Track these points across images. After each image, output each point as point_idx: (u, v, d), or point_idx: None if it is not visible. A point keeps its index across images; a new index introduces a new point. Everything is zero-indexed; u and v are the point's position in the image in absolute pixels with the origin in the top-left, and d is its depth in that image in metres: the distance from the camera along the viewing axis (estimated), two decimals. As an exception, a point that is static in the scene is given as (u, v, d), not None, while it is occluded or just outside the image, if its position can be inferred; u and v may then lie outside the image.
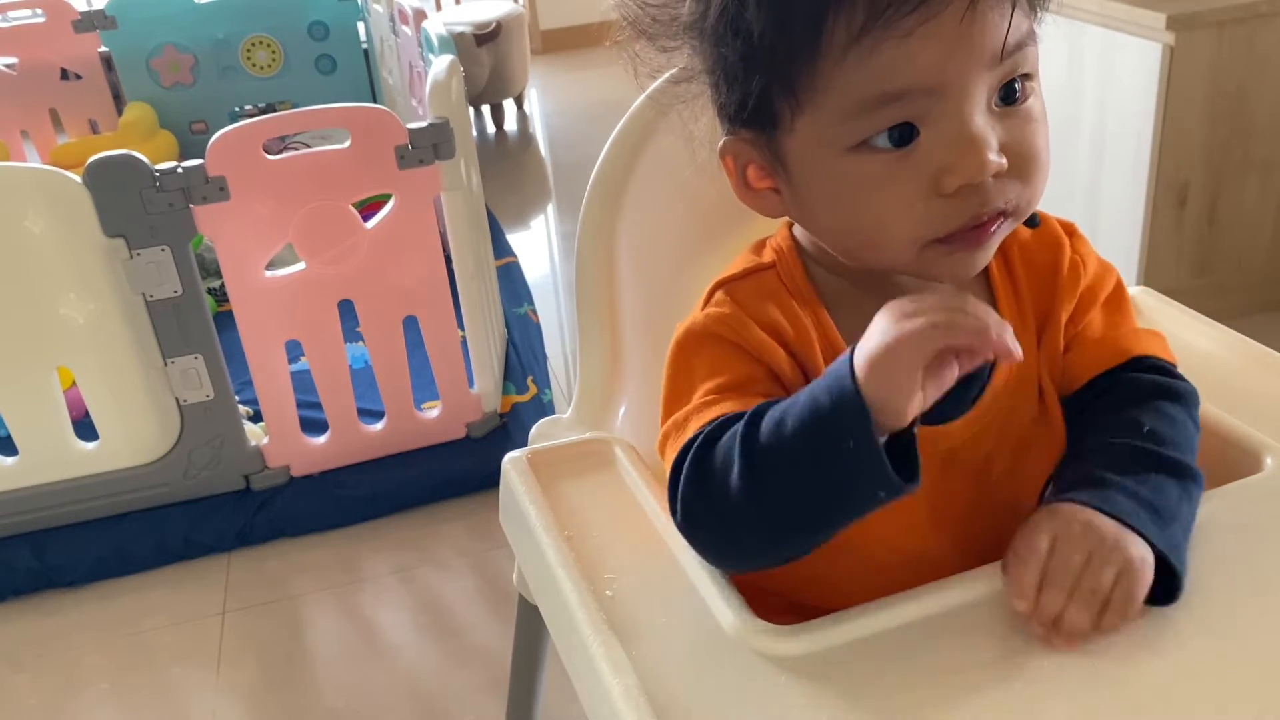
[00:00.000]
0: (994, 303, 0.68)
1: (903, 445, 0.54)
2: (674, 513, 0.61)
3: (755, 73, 0.59)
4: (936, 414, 0.65)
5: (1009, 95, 0.58)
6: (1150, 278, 1.98)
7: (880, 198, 0.58)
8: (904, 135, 0.57)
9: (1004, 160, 0.56)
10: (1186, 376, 0.68)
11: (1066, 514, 0.57)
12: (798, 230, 0.69)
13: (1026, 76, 0.59)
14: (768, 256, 0.69)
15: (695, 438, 0.60)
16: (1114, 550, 0.54)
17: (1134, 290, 0.90)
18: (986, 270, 0.68)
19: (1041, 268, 0.69)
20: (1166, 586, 0.56)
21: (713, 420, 0.60)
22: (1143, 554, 0.55)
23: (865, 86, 0.55)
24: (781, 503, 0.55)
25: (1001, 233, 0.60)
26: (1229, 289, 2.04)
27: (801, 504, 0.56)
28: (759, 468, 0.55)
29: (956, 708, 0.52)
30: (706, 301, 0.68)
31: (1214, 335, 0.83)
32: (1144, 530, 0.55)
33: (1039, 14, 0.59)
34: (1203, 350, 0.81)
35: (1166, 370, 0.67)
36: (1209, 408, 0.69)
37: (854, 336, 0.64)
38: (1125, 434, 0.62)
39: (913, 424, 0.54)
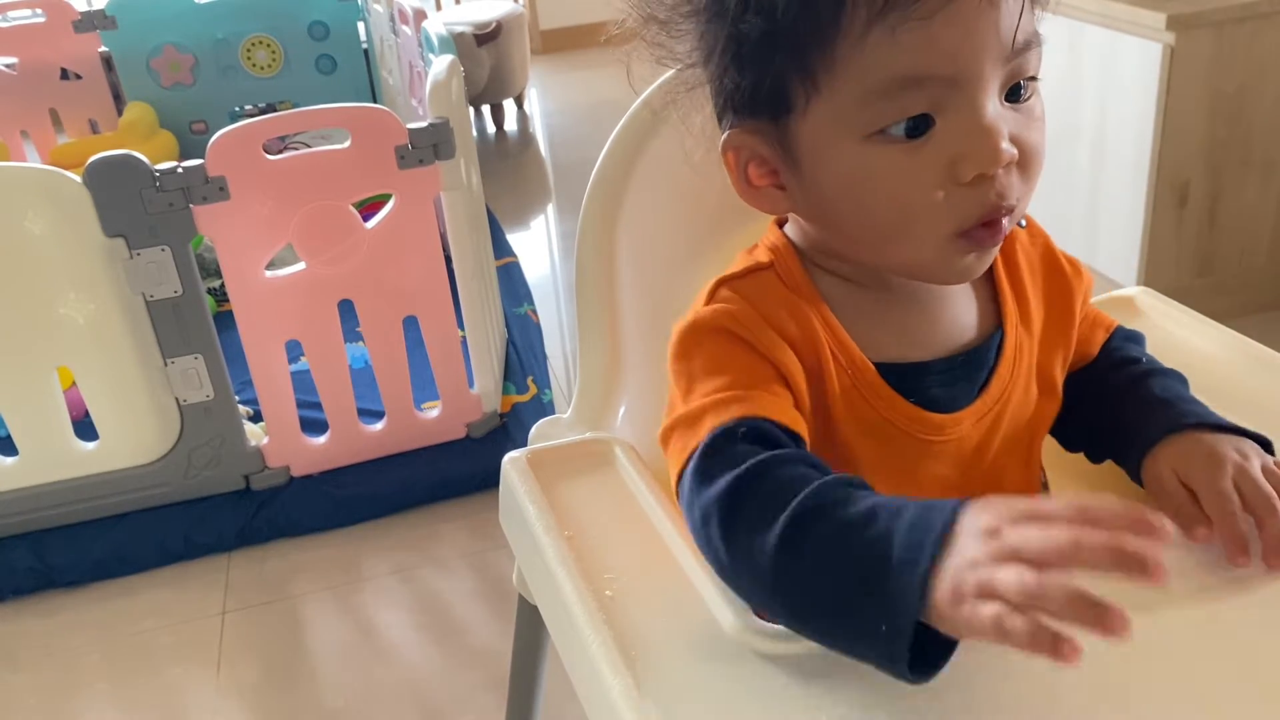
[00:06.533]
0: (998, 300, 0.69)
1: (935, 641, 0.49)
2: (683, 506, 0.59)
3: (773, 53, 0.58)
4: (946, 403, 0.66)
5: (1014, 94, 0.59)
6: (1150, 278, 1.98)
7: (900, 185, 0.58)
8: (919, 126, 0.57)
9: (1015, 151, 0.57)
10: (1187, 377, 0.71)
11: (1209, 450, 0.62)
12: (790, 229, 0.69)
13: (1031, 78, 0.60)
14: (763, 256, 0.68)
15: (710, 439, 0.59)
16: (1254, 455, 0.62)
17: (1134, 290, 0.90)
18: (991, 269, 0.69)
19: (1043, 264, 0.72)
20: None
21: (726, 422, 0.59)
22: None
23: (885, 68, 0.55)
24: (791, 597, 0.54)
25: (1006, 231, 0.61)
26: (1229, 289, 2.05)
27: (808, 611, 0.54)
28: (789, 567, 0.53)
29: (958, 708, 0.52)
30: (711, 298, 0.66)
31: (1214, 335, 0.82)
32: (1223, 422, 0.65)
33: (1039, 14, 0.59)
34: (1203, 350, 0.81)
35: (1121, 330, 0.76)
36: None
37: (855, 337, 0.65)
38: (1134, 368, 0.71)
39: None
